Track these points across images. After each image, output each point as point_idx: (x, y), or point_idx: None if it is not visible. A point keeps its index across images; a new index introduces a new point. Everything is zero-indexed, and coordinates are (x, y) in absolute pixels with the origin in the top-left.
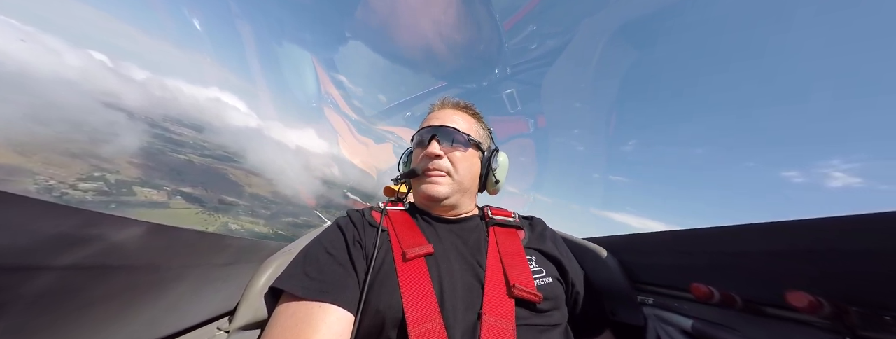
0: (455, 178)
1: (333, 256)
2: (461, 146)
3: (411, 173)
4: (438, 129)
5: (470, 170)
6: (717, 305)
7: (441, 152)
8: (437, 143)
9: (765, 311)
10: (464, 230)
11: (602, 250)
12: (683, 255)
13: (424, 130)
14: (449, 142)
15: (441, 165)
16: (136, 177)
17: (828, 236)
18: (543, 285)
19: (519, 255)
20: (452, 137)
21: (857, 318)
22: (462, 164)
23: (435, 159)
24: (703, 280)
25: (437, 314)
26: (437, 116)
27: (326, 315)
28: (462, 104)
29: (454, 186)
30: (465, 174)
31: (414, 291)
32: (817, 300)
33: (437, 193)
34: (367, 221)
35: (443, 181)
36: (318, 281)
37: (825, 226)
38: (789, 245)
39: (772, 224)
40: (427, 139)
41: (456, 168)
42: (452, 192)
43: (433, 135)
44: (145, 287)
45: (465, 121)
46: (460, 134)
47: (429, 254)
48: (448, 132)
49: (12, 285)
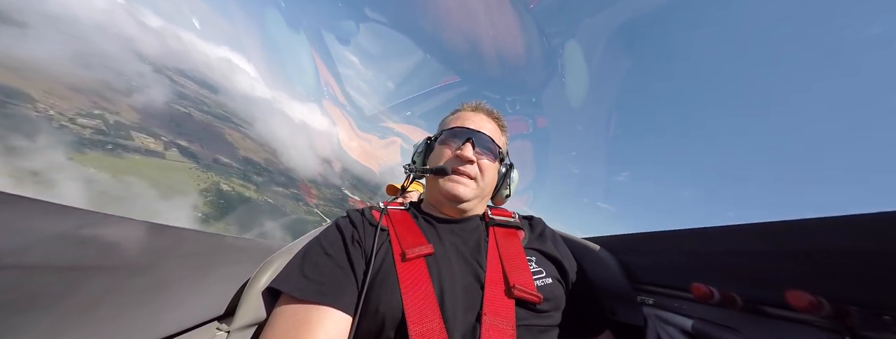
0: (480, 184)
1: (332, 257)
2: (491, 156)
3: (441, 171)
4: (475, 134)
5: (493, 180)
6: (717, 305)
7: (474, 158)
8: (473, 147)
9: (765, 311)
10: (464, 231)
11: (602, 250)
12: (683, 255)
13: (459, 129)
14: (483, 149)
15: (471, 170)
16: (134, 121)
17: (828, 235)
18: (543, 285)
19: (519, 255)
20: (487, 146)
21: (857, 318)
22: (489, 173)
23: (466, 164)
24: (703, 280)
25: (436, 315)
26: (472, 118)
27: (324, 317)
28: (495, 114)
29: (477, 191)
30: (489, 183)
31: (414, 291)
32: (817, 299)
33: (463, 194)
34: (367, 220)
35: (470, 184)
36: (316, 283)
37: (825, 226)
38: (789, 245)
39: (771, 224)
40: (462, 141)
41: (483, 176)
42: (474, 196)
43: (470, 138)
44: (145, 287)
45: (497, 131)
46: (494, 145)
47: (429, 254)
48: (484, 140)
49: (12, 285)
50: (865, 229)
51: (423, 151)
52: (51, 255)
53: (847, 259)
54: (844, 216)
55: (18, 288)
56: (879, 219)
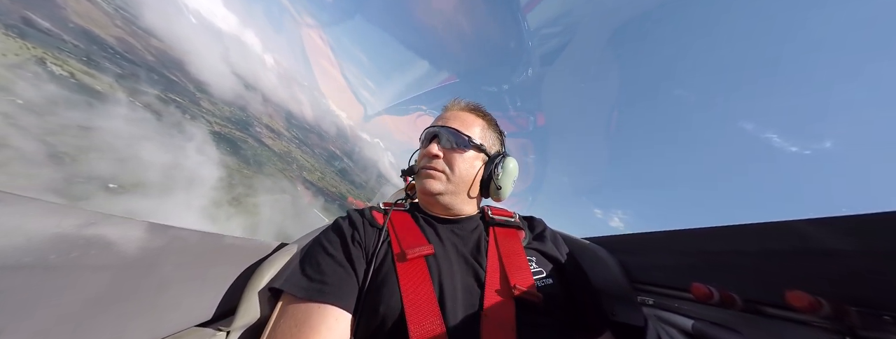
0: (451, 178)
1: (333, 256)
2: (461, 147)
3: (410, 171)
4: (441, 129)
5: (468, 172)
6: (717, 305)
7: (438, 153)
8: (437, 143)
9: (765, 311)
10: (464, 231)
11: (602, 251)
12: (683, 255)
13: (427, 130)
14: (449, 142)
15: (437, 164)
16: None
17: (828, 235)
18: (544, 285)
19: (519, 255)
20: (453, 138)
21: (857, 318)
22: (460, 165)
23: (433, 159)
24: (703, 280)
25: (436, 315)
26: (444, 116)
27: (325, 316)
28: (472, 106)
29: (448, 185)
30: (463, 176)
31: (414, 291)
32: (817, 300)
33: (432, 188)
34: (367, 221)
35: (439, 177)
36: (317, 282)
37: (825, 225)
38: (789, 245)
39: (771, 224)
40: (428, 139)
41: (452, 169)
42: (446, 190)
43: (435, 135)
44: (145, 287)
45: (472, 122)
46: (461, 135)
47: (429, 254)
48: (450, 133)
49: (12, 285)
50: (865, 228)
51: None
52: (51, 255)
53: (847, 259)
54: (844, 216)
55: (18, 288)
56: (879, 219)
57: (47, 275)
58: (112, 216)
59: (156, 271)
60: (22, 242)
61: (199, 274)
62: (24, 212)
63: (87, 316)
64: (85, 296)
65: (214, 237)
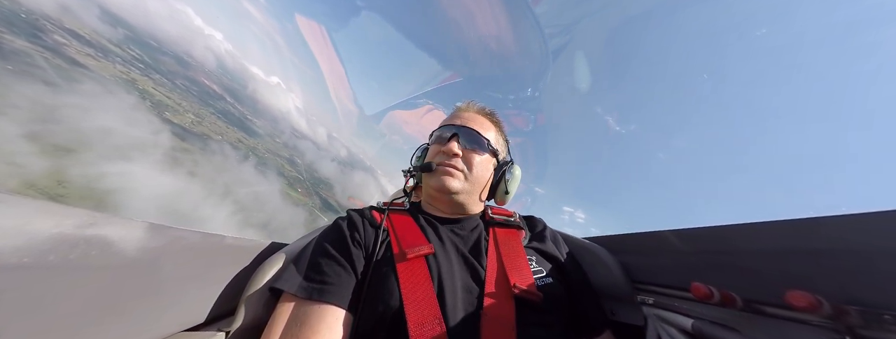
0: (469, 177)
1: (333, 256)
2: (480, 150)
3: (426, 167)
4: (461, 129)
5: (483, 174)
6: (717, 305)
7: (459, 152)
8: (458, 142)
9: (765, 311)
10: (464, 230)
11: (602, 250)
12: (683, 255)
13: (446, 127)
14: (469, 143)
15: (456, 163)
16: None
17: (828, 235)
18: (543, 285)
19: (519, 255)
20: (474, 140)
21: (857, 318)
22: (477, 167)
23: (452, 158)
24: (703, 280)
25: (436, 314)
26: (461, 116)
27: (325, 316)
28: (487, 110)
29: (466, 184)
30: (479, 177)
31: (414, 291)
32: (817, 299)
33: (450, 185)
34: (367, 220)
35: (458, 175)
36: (317, 282)
37: (825, 225)
38: (789, 245)
39: (771, 223)
40: (447, 137)
41: (470, 169)
42: (463, 188)
43: (455, 133)
44: (145, 287)
45: (488, 127)
46: (481, 138)
47: (429, 254)
48: (470, 134)
49: (12, 285)
50: (865, 228)
51: (421, 155)
52: (50, 255)
53: (847, 259)
54: (844, 215)
55: (18, 288)
56: (879, 219)
57: (47, 275)
58: (112, 216)
59: (156, 271)
60: (22, 242)
61: (199, 274)
62: (24, 212)
63: (87, 316)
64: (85, 296)
65: (214, 238)
